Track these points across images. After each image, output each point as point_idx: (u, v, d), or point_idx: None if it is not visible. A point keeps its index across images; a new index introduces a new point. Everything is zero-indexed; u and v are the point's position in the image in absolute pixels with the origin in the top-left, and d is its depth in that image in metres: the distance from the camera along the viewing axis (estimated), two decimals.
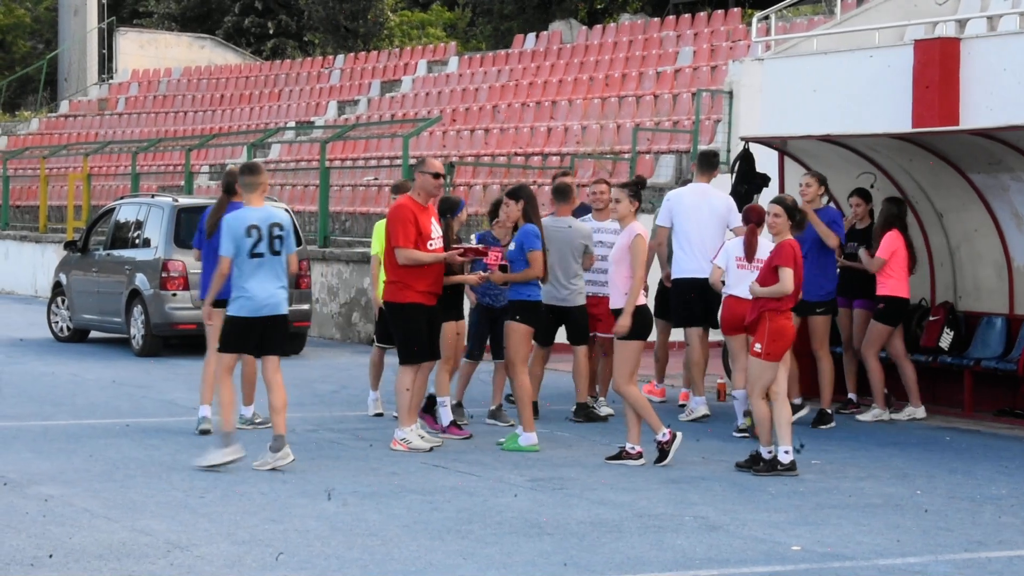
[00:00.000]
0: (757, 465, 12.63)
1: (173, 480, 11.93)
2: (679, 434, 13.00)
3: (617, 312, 13.01)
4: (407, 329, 13.44)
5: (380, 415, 15.43)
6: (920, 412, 15.91)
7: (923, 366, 16.40)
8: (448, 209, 14.18)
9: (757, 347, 12.74)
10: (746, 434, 14.40)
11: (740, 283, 14.04)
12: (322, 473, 12.27)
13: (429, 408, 14.50)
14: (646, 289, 13.20)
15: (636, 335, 12.91)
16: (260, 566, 9.17)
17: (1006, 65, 18.34)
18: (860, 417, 15.82)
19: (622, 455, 13.01)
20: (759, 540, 10.07)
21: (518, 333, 13.73)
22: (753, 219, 13.92)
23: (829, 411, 15.48)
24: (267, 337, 12.53)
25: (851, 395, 16.45)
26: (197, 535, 9.97)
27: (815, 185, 15.72)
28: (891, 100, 19.25)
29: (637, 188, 13.45)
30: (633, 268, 12.91)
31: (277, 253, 12.49)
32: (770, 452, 12.63)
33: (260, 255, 12.43)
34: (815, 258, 15.40)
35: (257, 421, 14.61)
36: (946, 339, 16.31)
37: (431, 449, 13.43)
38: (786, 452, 12.57)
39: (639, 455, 12.96)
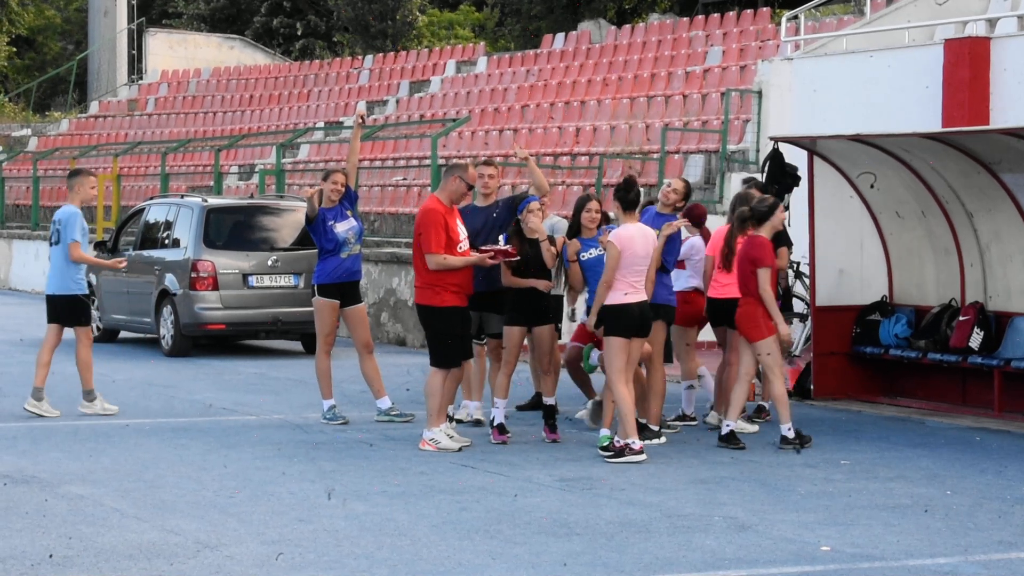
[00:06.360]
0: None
1: (203, 480, 11.97)
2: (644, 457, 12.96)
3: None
4: (442, 332, 13.54)
5: (479, 422, 14.90)
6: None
7: (953, 366, 16.36)
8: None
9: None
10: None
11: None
12: (351, 473, 12.29)
13: (550, 417, 14.24)
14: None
15: (611, 332, 13.08)
16: (289, 566, 9.19)
17: None
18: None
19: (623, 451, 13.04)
20: (788, 540, 10.06)
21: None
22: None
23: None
24: None
25: (763, 402, 15.66)
26: (227, 535, 10.00)
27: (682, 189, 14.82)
28: (921, 99, 19.20)
29: (623, 193, 13.36)
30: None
31: (56, 243, 15.30)
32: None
33: (55, 244, 15.35)
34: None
35: (394, 413, 15.18)
36: (976, 339, 16.25)
37: (460, 449, 13.45)
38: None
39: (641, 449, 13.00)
